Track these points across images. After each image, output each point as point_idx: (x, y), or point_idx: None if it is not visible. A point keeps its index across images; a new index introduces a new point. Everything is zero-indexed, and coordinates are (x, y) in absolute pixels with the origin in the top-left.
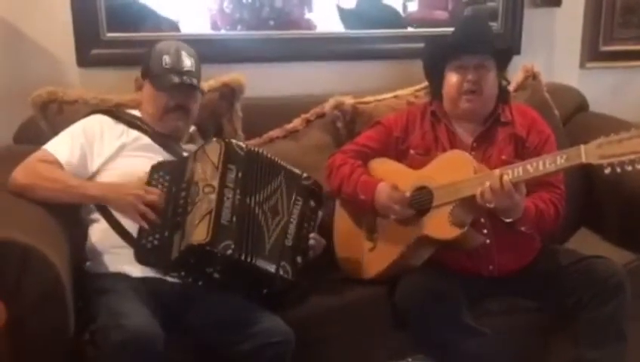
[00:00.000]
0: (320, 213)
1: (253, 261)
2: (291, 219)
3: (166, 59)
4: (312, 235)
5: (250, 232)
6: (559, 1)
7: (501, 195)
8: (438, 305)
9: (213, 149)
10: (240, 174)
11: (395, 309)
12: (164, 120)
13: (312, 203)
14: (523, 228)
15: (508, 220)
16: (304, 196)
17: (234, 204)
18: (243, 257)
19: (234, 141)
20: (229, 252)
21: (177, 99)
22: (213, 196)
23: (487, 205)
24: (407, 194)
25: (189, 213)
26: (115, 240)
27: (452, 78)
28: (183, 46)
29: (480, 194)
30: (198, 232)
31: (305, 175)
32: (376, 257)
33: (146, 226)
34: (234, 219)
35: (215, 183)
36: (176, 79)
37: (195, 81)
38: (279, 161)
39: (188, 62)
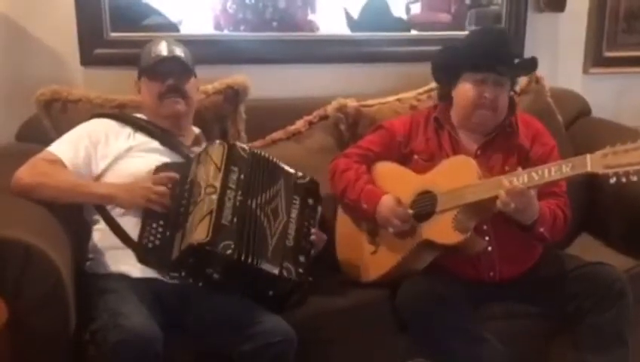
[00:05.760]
0: (319, 209)
1: (257, 263)
2: (290, 219)
3: (155, 50)
4: (313, 230)
5: (251, 234)
6: (563, 6)
7: (518, 196)
8: (440, 309)
9: (217, 151)
10: (242, 176)
11: (396, 312)
12: (162, 106)
13: (311, 201)
14: (542, 229)
15: (528, 223)
16: (301, 195)
17: (235, 205)
18: (244, 258)
19: (238, 143)
20: (229, 252)
21: (169, 79)
22: (215, 196)
23: (507, 208)
24: (410, 211)
25: (191, 213)
26: (115, 240)
27: (468, 90)
28: (171, 40)
29: (499, 201)
30: (199, 232)
31: (300, 174)
32: (377, 260)
33: (159, 210)
34: (234, 219)
35: (217, 184)
36: (164, 55)
37: (183, 58)
38: (278, 162)
39: (176, 50)
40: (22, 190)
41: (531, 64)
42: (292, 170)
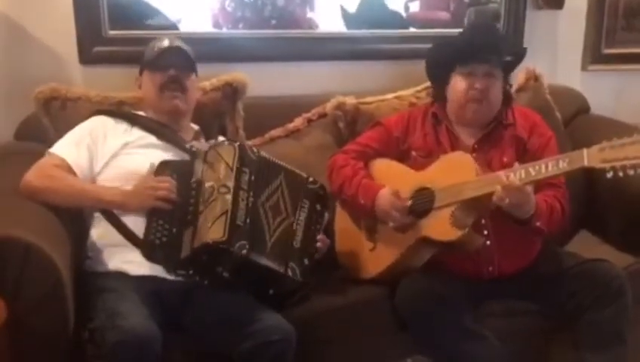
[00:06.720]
0: (326, 216)
1: (256, 259)
2: (298, 221)
3: (158, 45)
4: (318, 236)
5: (258, 233)
6: (561, 4)
7: (514, 191)
8: (439, 307)
9: (228, 151)
10: (253, 177)
11: (395, 310)
12: (162, 99)
13: (318, 206)
14: (538, 223)
15: (525, 217)
16: (310, 200)
17: (247, 206)
18: (251, 256)
19: (246, 144)
20: (244, 252)
21: (171, 69)
22: (229, 196)
23: (502, 203)
24: (409, 202)
25: (201, 211)
26: (115, 238)
27: (459, 84)
28: (174, 37)
29: (495, 196)
30: (214, 231)
31: (311, 179)
32: (376, 257)
33: (168, 207)
34: (248, 220)
35: (230, 184)
36: (166, 45)
37: (185, 49)
38: (284, 165)
39: (179, 44)
40: (31, 193)
41: (519, 51)
42: (304, 174)
